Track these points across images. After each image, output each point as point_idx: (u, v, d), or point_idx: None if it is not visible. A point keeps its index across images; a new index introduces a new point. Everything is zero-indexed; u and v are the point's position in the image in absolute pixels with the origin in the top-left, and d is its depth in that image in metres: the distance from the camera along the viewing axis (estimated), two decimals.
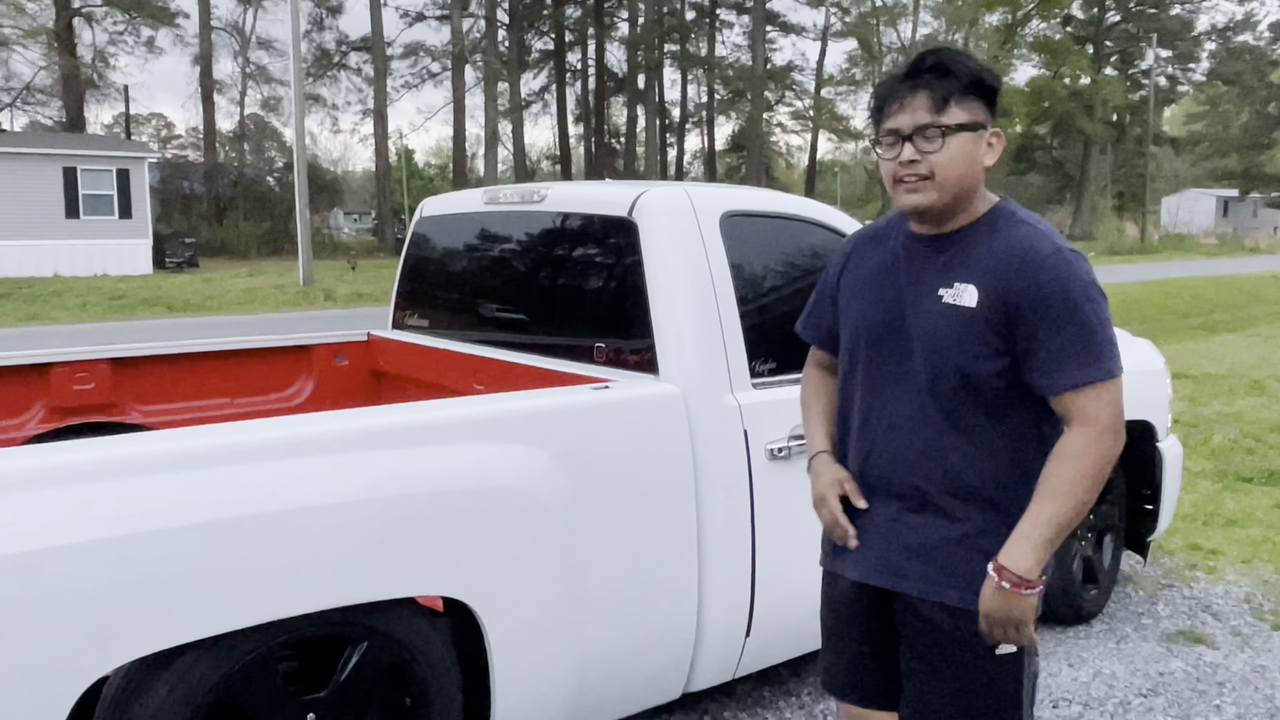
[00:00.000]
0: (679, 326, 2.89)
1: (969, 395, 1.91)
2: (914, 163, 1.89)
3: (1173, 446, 4.28)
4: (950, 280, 1.93)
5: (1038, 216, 1.97)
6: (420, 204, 4.00)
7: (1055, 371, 1.83)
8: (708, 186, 3.20)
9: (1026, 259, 1.85)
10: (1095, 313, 1.83)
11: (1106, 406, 1.82)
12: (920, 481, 1.96)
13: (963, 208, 1.95)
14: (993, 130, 1.92)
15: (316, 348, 3.93)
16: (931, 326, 1.93)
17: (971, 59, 1.90)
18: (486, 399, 2.53)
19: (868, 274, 2.08)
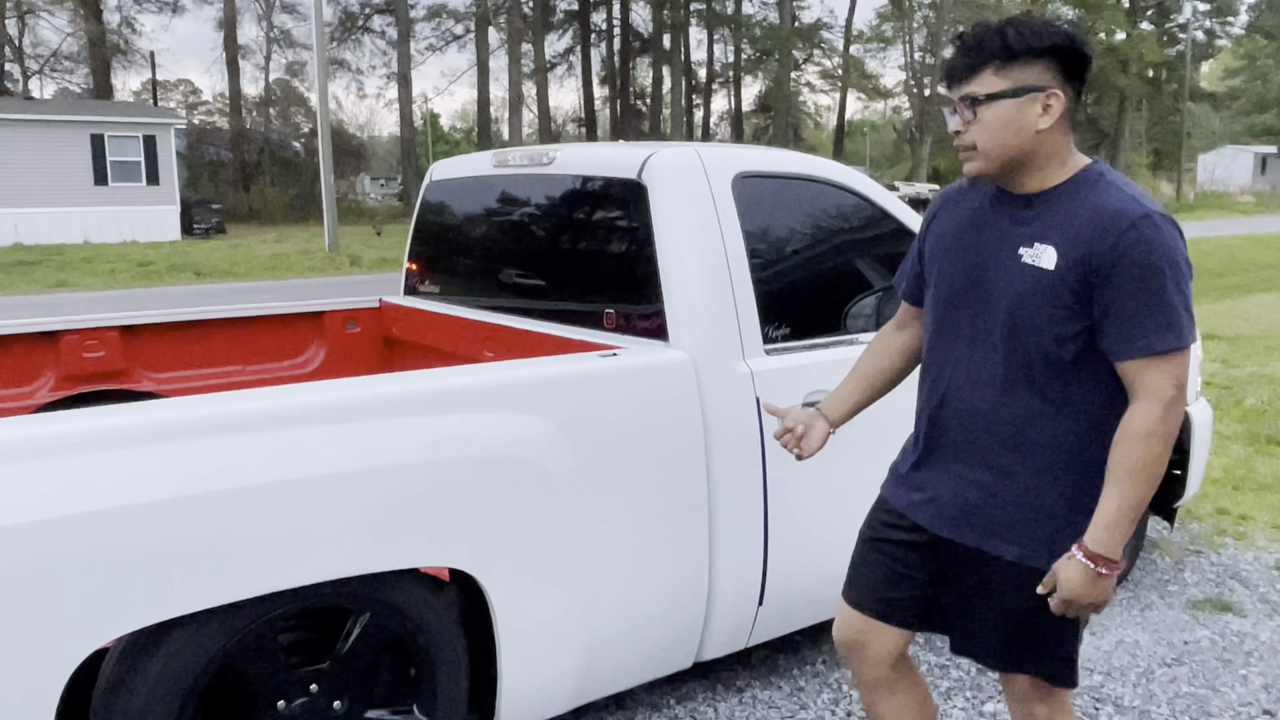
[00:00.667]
0: (689, 292, 2.83)
1: (1039, 355, 1.91)
2: (959, 134, 1.94)
3: (1202, 410, 4.17)
4: (1031, 240, 1.92)
5: (1129, 180, 1.93)
6: (430, 168, 3.94)
7: (1125, 338, 1.83)
8: (720, 147, 3.12)
9: (1110, 222, 1.83)
10: (1174, 281, 1.81)
11: (1171, 379, 1.82)
12: (985, 437, 1.99)
13: (1032, 171, 1.94)
14: (1050, 92, 1.88)
15: (328, 314, 3.90)
16: (1009, 286, 1.94)
17: (1027, 24, 1.87)
18: (491, 367, 2.48)
19: (952, 229, 2.09)
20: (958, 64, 1.92)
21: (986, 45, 1.88)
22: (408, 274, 4.03)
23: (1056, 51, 1.88)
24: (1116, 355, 1.86)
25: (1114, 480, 1.83)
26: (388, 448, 2.21)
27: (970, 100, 1.90)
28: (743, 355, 2.87)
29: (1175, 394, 1.83)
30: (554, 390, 2.49)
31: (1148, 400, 1.83)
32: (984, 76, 1.89)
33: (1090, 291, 1.86)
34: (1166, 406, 1.82)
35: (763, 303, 2.95)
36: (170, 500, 1.96)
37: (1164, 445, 1.83)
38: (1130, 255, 1.81)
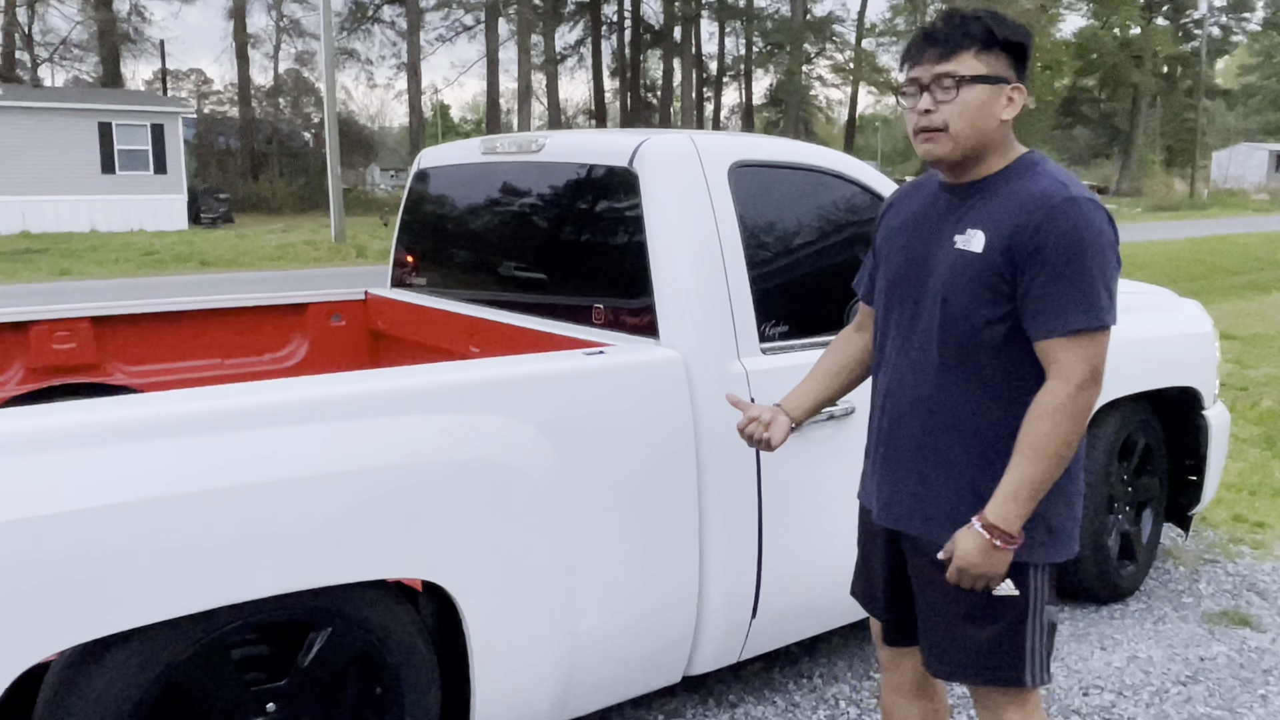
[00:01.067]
0: (682, 287, 2.68)
1: (972, 341, 1.94)
2: (929, 113, 1.92)
3: (1220, 414, 4.01)
4: (964, 227, 1.96)
5: (1063, 169, 1.96)
6: (419, 155, 3.79)
7: (1042, 316, 1.86)
8: (716, 135, 2.96)
9: (1035, 204, 1.86)
10: (1094, 261, 1.84)
11: (1085, 360, 1.85)
12: (928, 426, 2.01)
13: (983, 159, 1.97)
14: (1014, 85, 1.93)
15: (311, 306, 3.76)
16: (942, 272, 1.97)
17: (1002, 17, 1.93)
18: (465, 365, 2.33)
19: (901, 224, 2.12)
20: (936, 43, 1.91)
21: (969, 29, 1.90)
22: (394, 265, 3.89)
23: (1021, 49, 1.93)
24: (1034, 334, 1.88)
25: (1018, 455, 1.86)
26: (351, 451, 2.07)
27: (954, 79, 1.89)
28: (737, 354, 2.72)
29: (1088, 375, 1.84)
30: (534, 390, 2.34)
31: (1059, 379, 1.85)
32: (964, 58, 1.89)
33: (1015, 273, 1.88)
34: (1078, 386, 1.84)
35: (759, 299, 2.80)
36: (112, 506, 1.82)
37: (1072, 424, 1.84)
38: (1052, 235, 1.83)
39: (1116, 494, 3.71)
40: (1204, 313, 4.05)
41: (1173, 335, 3.80)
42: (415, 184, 3.76)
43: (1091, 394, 1.86)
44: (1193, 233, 24.25)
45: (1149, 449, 3.83)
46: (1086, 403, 1.85)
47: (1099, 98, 55.53)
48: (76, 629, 1.81)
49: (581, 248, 3.01)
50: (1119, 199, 43.65)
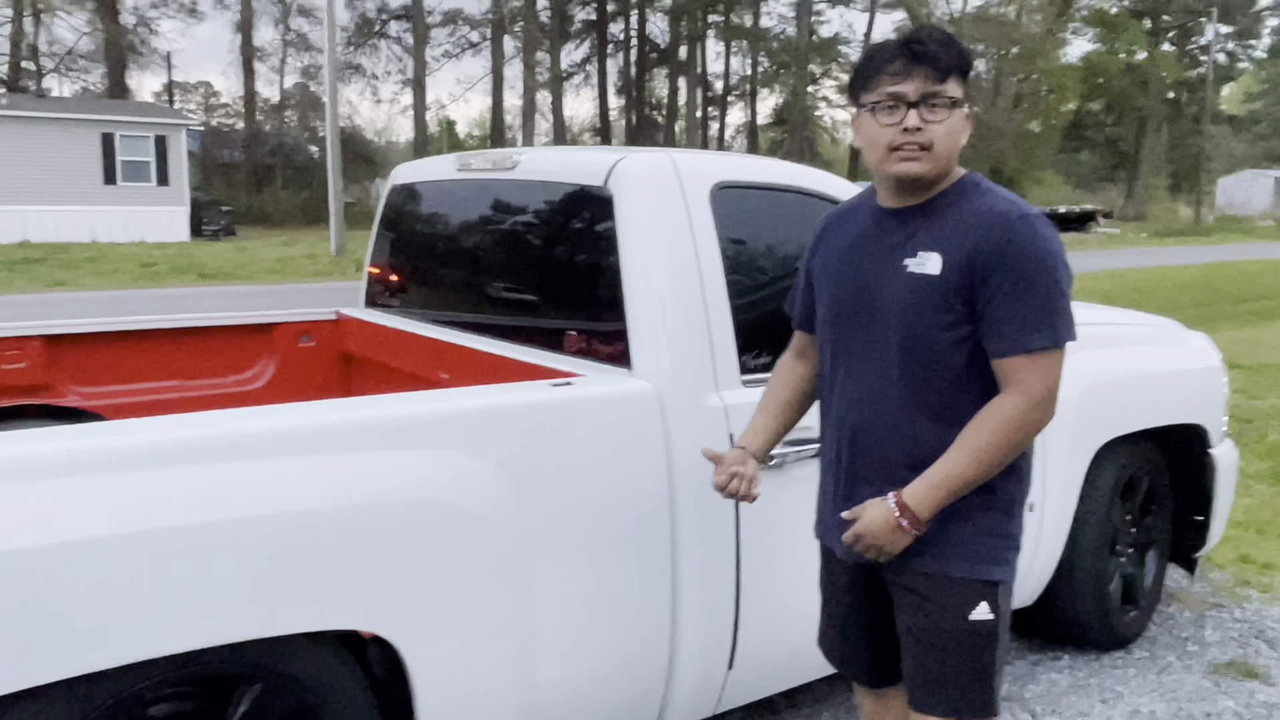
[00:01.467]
0: (656, 315, 2.52)
1: (934, 366, 1.92)
2: (917, 130, 1.87)
3: (1227, 453, 3.84)
4: (914, 250, 1.92)
5: (1003, 188, 1.97)
6: (393, 170, 3.64)
7: (1000, 334, 1.85)
8: (698, 154, 2.81)
9: (992, 223, 1.86)
10: (1053, 279, 1.84)
11: (1042, 379, 1.84)
12: (889, 455, 1.97)
13: (939, 182, 1.95)
14: (967, 113, 1.94)
15: (279, 326, 3.60)
16: (896, 297, 1.93)
17: (962, 40, 1.95)
18: (414, 397, 2.17)
19: (838, 251, 2.08)
20: (927, 61, 1.86)
21: (959, 52, 1.88)
22: (368, 284, 3.74)
23: (969, 74, 1.94)
24: (992, 352, 1.87)
25: (956, 451, 1.86)
26: (285, 491, 1.90)
27: (948, 100, 1.87)
28: (716, 386, 2.56)
29: (1045, 394, 1.85)
30: (492, 425, 2.18)
31: (1017, 393, 1.85)
32: (953, 81, 1.88)
33: (973, 293, 1.86)
34: (1034, 403, 1.84)
35: (741, 328, 2.64)
36: (8, 553, 1.65)
37: (1017, 438, 1.85)
38: (1009, 254, 1.83)
39: (1119, 536, 3.54)
40: (1212, 346, 3.88)
41: (1179, 370, 3.63)
42: (390, 200, 3.61)
43: (1045, 412, 1.86)
44: (1198, 258, 24.10)
45: (1153, 489, 3.66)
46: (1038, 420, 1.86)
47: (1105, 122, 55.50)
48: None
49: (555, 271, 2.85)
50: (1123, 223, 43.52)
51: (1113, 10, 50.77)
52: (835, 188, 2.93)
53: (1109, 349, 3.46)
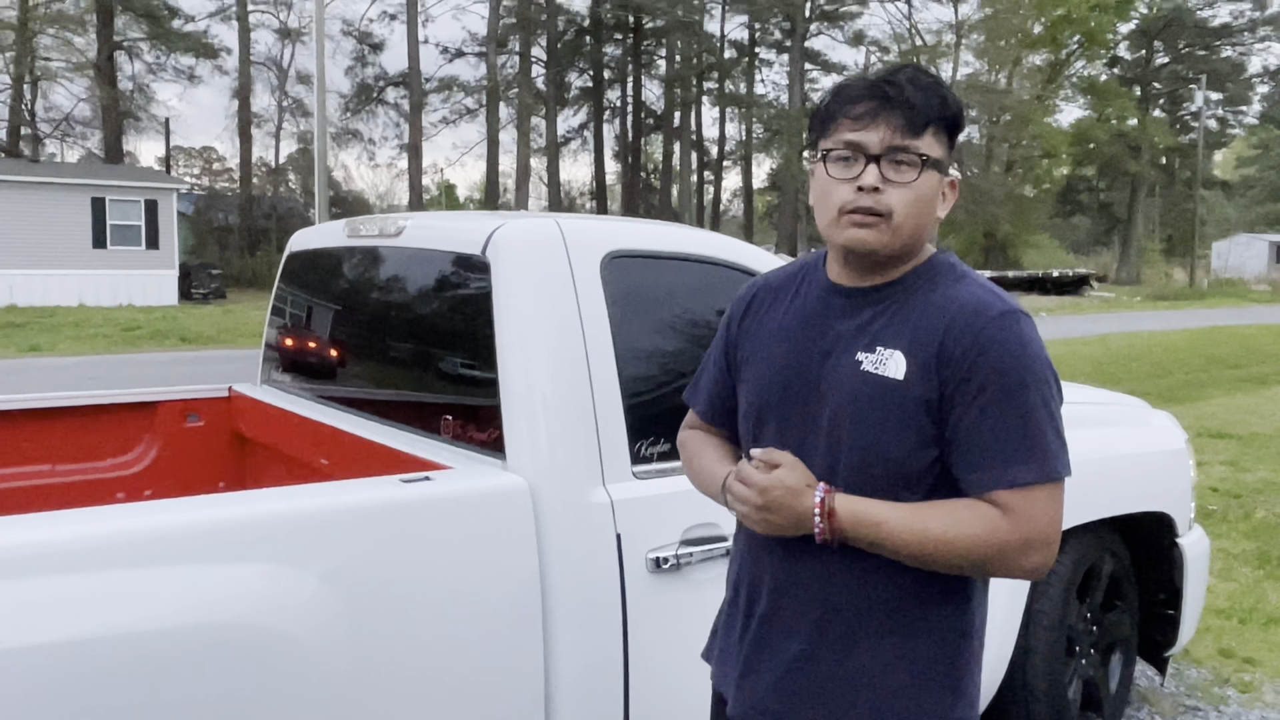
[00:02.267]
0: (534, 398, 2.24)
1: (888, 490, 1.50)
2: (875, 191, 1.49)
3: (1197, 542, 3.53)
4: (872, 344, 1.53)
5: (979, 274, 1.59)
6: (292, 236, 3.40)
7: (981, 465, 1.46)
8: (590, 220, 2.56)
9: (968, 321, 1.48)
10: (1043, 394, 1.47)
11: (1039, 515, 1.45)
12: (820, 600, 1.56)
13: (904, 259, 1.56)
14: (951, 179, 1.56)
15: (163, 405, 3.32)
16: (846, 402, 1.53)
17: (951, 89, 1.54)
18: (223, 499, 1.89)
19: (772, 332, 1.66)
20: (898, 107, 1.48)
21: (942, 99, 1.51)
22: (263, 359, 3.47)
23: (958, 133, 1.55)
24: (968, 485, 1.47)
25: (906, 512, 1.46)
26: (47, 616, 1.61)
27: (917, 159, 1.48)
28: (602, 479, 2.27)
29: (1043, 536, 1.45)
30: (315, 531, 1.89)
31: (1009, 518, 1.44)
32: (930, 137, 1.50)
33: (943, 405, 1.48)
34: (1024, 538, 1.44)
35: (634, 412, 2.36)
36: None
37: (979, 550, 1.44)
38: (988, 360, 1.45)
39: (1077, 635, 3.22)
40: (1177, 426, 3.60)
41: (1141, 453, 3.35)
42: (285, 269, 3.35)
43: (1040, 557, 1.46)
44: (1192, 322, 23.90)
45: (1116, 582, 3.35)
46: (1021, 564, 1.46)
47: (1098, 187, 55.83)
48: None
49: (435, 347, 2.59)
50: (1118, 287, 43.49)
51: (1102, 78, 51.35)
52: (747, 257, 2.67)
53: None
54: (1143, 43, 52.01)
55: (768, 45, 49.59)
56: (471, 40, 43.51)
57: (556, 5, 43.10)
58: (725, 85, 48.16)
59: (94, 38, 36.42)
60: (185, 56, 38.98)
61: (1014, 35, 45.28)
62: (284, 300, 3.35)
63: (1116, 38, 50.48)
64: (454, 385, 2.49)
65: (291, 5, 40.75)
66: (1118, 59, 52.95)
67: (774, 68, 51.15)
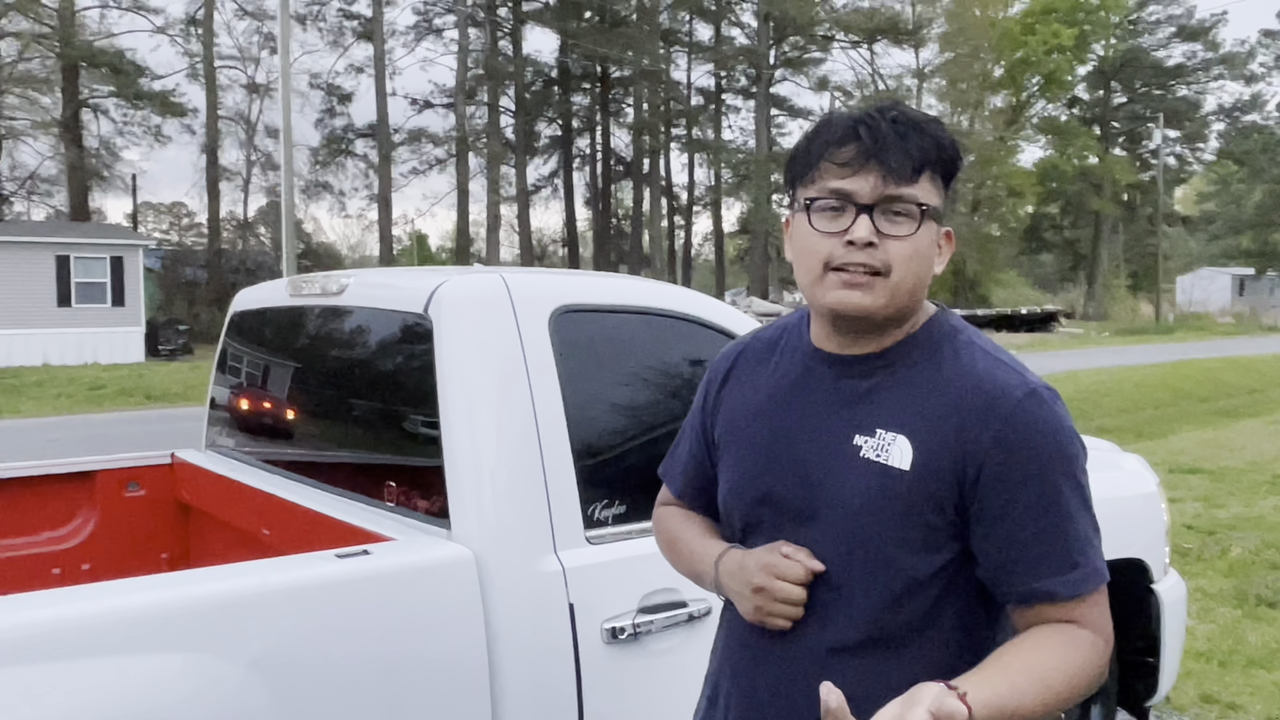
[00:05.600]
0: (479, 463, 2.14)
1: (890, 592, 1.32)
2: (869, 246, 1.29)
3: (1174, 587, 3.45)
4: (870, 425, 1.34)
5: (987, 337, 1.41)
6: (236, 295, 3.29)
7: (1029, 575, 1.29)
8: (539, 274, 2.48)
9: (989, 406, 1.29)
10: (1082, 490, 1.32)
11: (1102, 618, 1.31)
12: (812, 713, 1.31)
13: (901, 323, 1.37)
14: (946, 230, 1.38)
15: (101, 474, 3.18)
16: (848, 494, 1.33)
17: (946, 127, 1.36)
18: (137, 583, 1.76)
19: (754, 405, 1.45)
20: (892, 150, 1.28)
21: (934, 140, 1.31)
22: (207, 424, 3.34)
23: (954, 179, 1.36)
24: (1014, 598, 1.31)
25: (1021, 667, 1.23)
26: None
27: (917, 208, 1.30)
28: (553, 546, 2.17)
29: (1109, 635, 1.31)
30: (241, 616, 1.77)
31: (1094, 630, 1.30)
32: (927, 182, 1.31)
33: (965, 504, 1.29)
34: (1108, 645, 1.31)
35: (587, 474, 2.26)
36: None
37: (1091, 683, 1.28)
38: (1021, 455, 1.27)
39: None
40: (1148, 469, 3.53)
41: (1113, 498, 3.26)
42: (229, 329, 3.24)
43: (1105, 662, 1.31)
44: (1159, 357, 24.10)
45: None
46: (1101, 670, 1.30)
47: (1062, 224, 56.59)
48: None
49: (379, 410, 2.48)
50: (1085, 322, 43.94)
51: (1062, 118, 52.26)
52: (705, 310, 2.59)
53: None
54: (1100, 82, 53.06)
55: (734, 92, 50.22)
56: (439, 92, 43.81)
57: (524, 57, 43.52)
58: (693, 132, 48.62)
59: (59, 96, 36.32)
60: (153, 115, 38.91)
61: (975, 79, 46.09)
62: (228, 361, 3.24)
63: (1075, 79, 51.46)
64: (398, 450, 2.39)
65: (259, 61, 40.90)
66: (1077, 99, 53.94)
67: (740, 113, 51.79)
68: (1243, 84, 53.43)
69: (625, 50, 41.06)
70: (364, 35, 39.86)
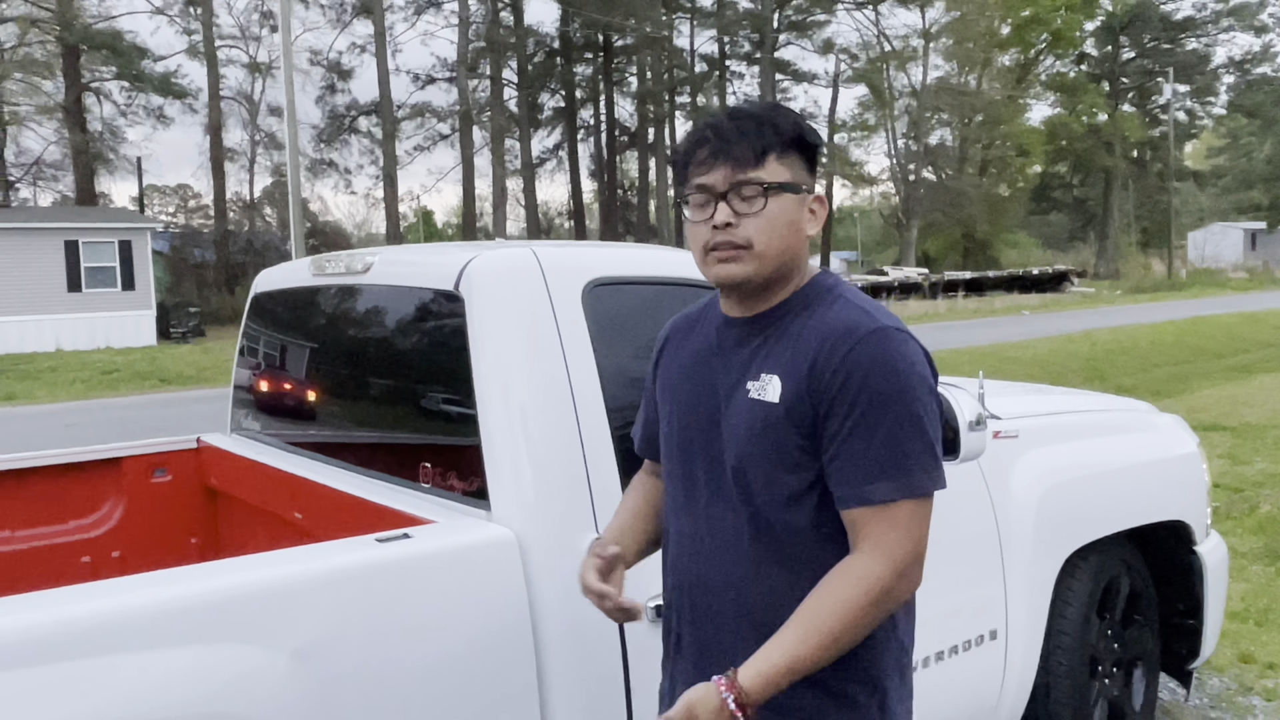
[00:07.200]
0: (517, 441, 2.10)
1: (778, 520, 1.57)
2: (729, 226, 1.56)
3: (1215, 549, 3.40)
4: (757, 371, 1.60)
5: (862, 293, 1.64)
6: (257, 277, 3.24)
7: (848, 480, 1.51)
8: (569, 247, 2.42)
9: (837, 338, 1.53)
10: (911, 410, 1.50)
11: (902, 535, 1.48)
12: (732, 622, 1.61)
13: (783, 284, 1.62)
14: (815, 195, 1.63)
15: (128, 460, 3.15)
16: (737, 429, 1.61)
17: (792, 112, 1.63)
18: (174, 575, 1.72)
19: (680, 367, 1.74)
20: (731, 143, 1.55)
21: (775, 126, 1.57)
22: (232, 407, 3.30)
23: (813, 152, 1.62)
24: (839, 501, 1.53)
25: (796, 625, 1.47)
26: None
27: (759, 187, 1.55)
28: (595, 524, 2.12)
29: (903, 554, 1.47)
30: (283, 605, 1.73)
31: (877, 555, 1.47)
32: (769, 163, 1.57)
33: (816, 427, 1.53)
34: (897, 571, 1.47)
35: (626, 449, 2.21)
36: None
37: (875, 613, 1.47)
38: (856, 377, 1.49)
39: (1100, 655, 3.08)
40: (1186, 429, 3.47)
41: (1153, 460, 3.22)
42: (251, 310, 3.19)
43: (910, 581, 1.49)
44: (1173, 314, 23.94)
45: (1135, 596, 3.21)
46: (902, 592, 1.49)
47: (1071, 183, 56.15)
48: None
49: (409, 389, 2.43)
50: (1097, 281, 43.66)
51: (1071, 75, 51.69)
52: None
53: (1072, 441, 3.05)
54: (1109, 38, 52.38)
55: (738, 58, 49.70)
56: (442, 66, 43.48)
57: (526, 27, 43.14)
58: (697, 99, 48.25)
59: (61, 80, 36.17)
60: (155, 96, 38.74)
61: (982, 37, 45.55)
62: (251, 343, 3.19)
63: (1083, 35, 50.84)
64: (430, 429, 2.34)
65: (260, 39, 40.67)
66: (1085, 55, 53.31)
67: (745, 80, 51.17)
68: (1253, 35, 52.78)
69: (627, 18, 40.61)
70: (364, 10, 39.51)
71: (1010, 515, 2.76)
